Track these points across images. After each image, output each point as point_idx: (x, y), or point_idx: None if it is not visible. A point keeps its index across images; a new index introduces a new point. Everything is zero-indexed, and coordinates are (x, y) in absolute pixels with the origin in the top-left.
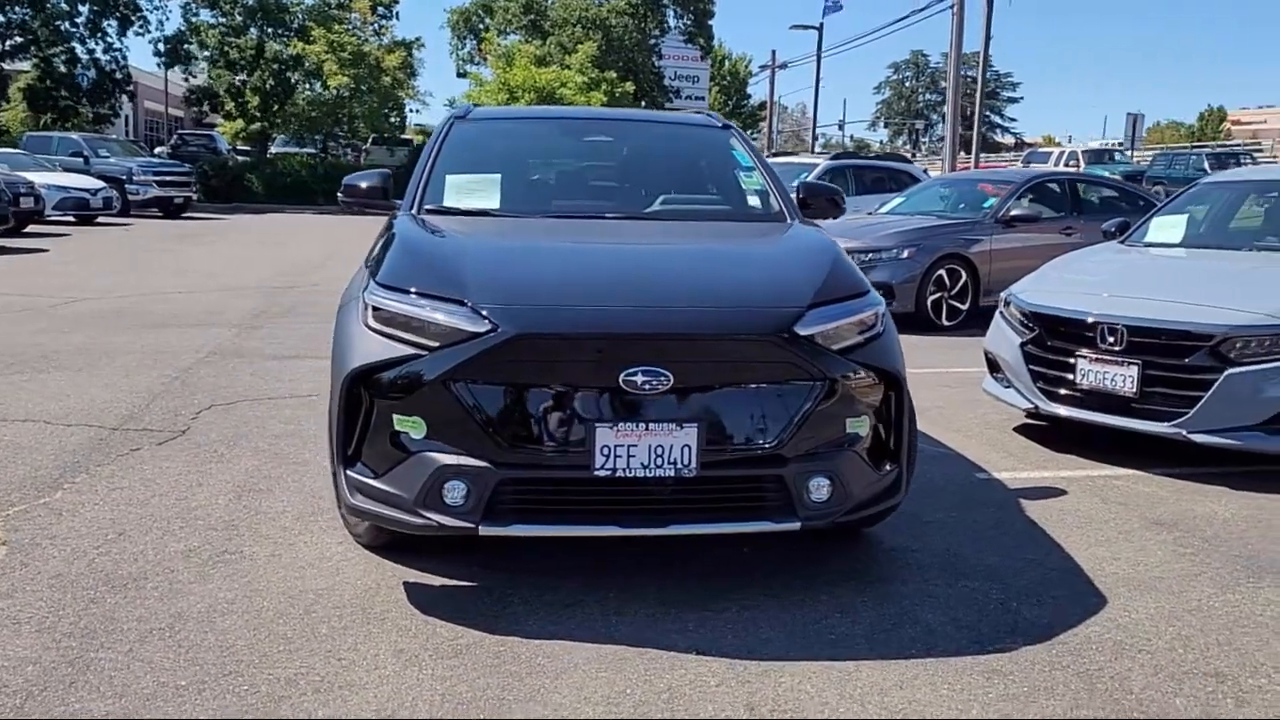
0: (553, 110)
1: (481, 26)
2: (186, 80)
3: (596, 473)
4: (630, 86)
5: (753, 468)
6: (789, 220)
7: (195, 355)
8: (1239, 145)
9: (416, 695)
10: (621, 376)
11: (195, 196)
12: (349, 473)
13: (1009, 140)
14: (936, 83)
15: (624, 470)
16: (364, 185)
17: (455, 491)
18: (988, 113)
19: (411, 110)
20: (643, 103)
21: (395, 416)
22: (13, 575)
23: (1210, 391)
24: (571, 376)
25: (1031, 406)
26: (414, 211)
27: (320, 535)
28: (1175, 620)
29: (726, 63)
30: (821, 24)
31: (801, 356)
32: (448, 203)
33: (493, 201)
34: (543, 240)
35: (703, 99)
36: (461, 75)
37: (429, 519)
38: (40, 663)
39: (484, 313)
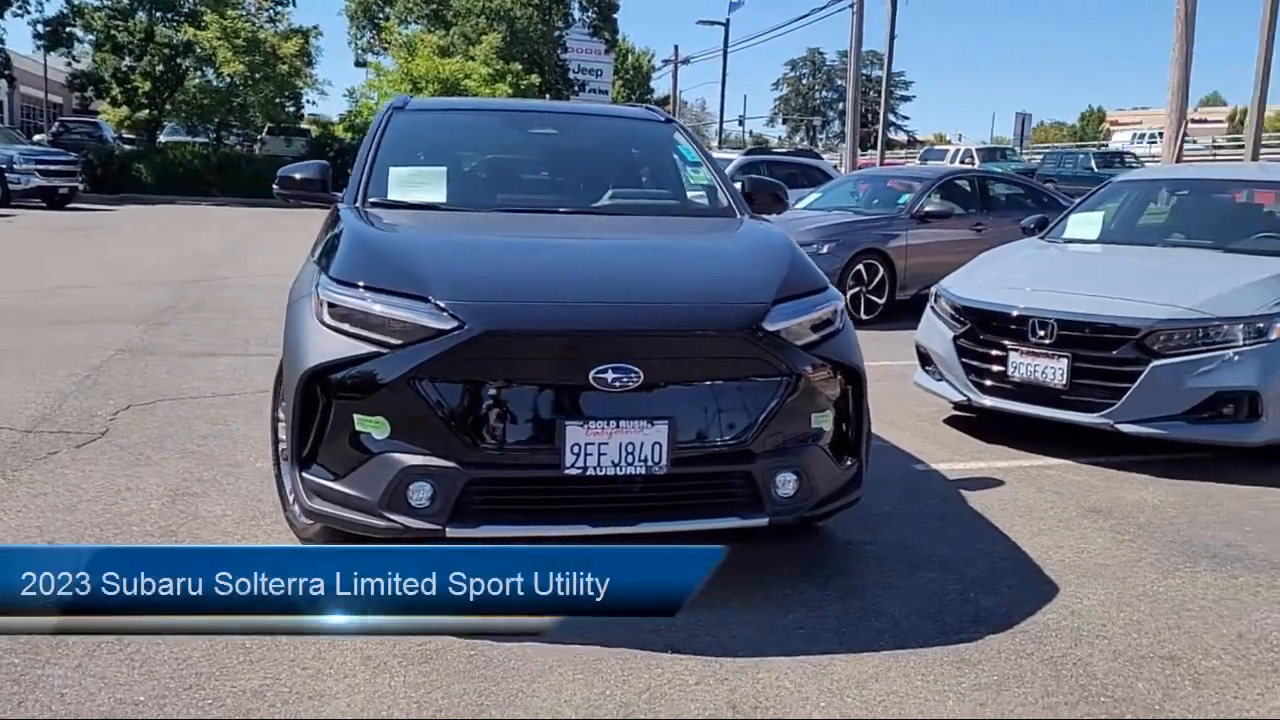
0: (493, 102)
1: (381, 15)
2: (69, 65)
3: (567, 471)
4: (536, 79)
5: (722, 464)
6: (739, 215)
7: (104, 353)
8: (1122, 145)
9: (391, 703)
10: (591, 374)
11: (81, 186)
12: (305, 475)
13: (902, 138)
14: (833, 80)
15: (595, 469)
16: (300, 176)
17: (420, 493)
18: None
19: (308, 101)
20: (547, 95)
21: (356, 417)
22: None
23: (1137, 383)
24: (540, 374)
25: (964, 399)
26: (358, 204)
27: (265, 540)
28: (1125, 606)
29: (629, 57)
30: (728, 20)
31: (769, 352)
32: (392, 196)
33: (438, 195)
34: (500, 235)
35: (606, 93)
36: (360, 64)
37: (394, 521)
38: None
39: (449, 309)
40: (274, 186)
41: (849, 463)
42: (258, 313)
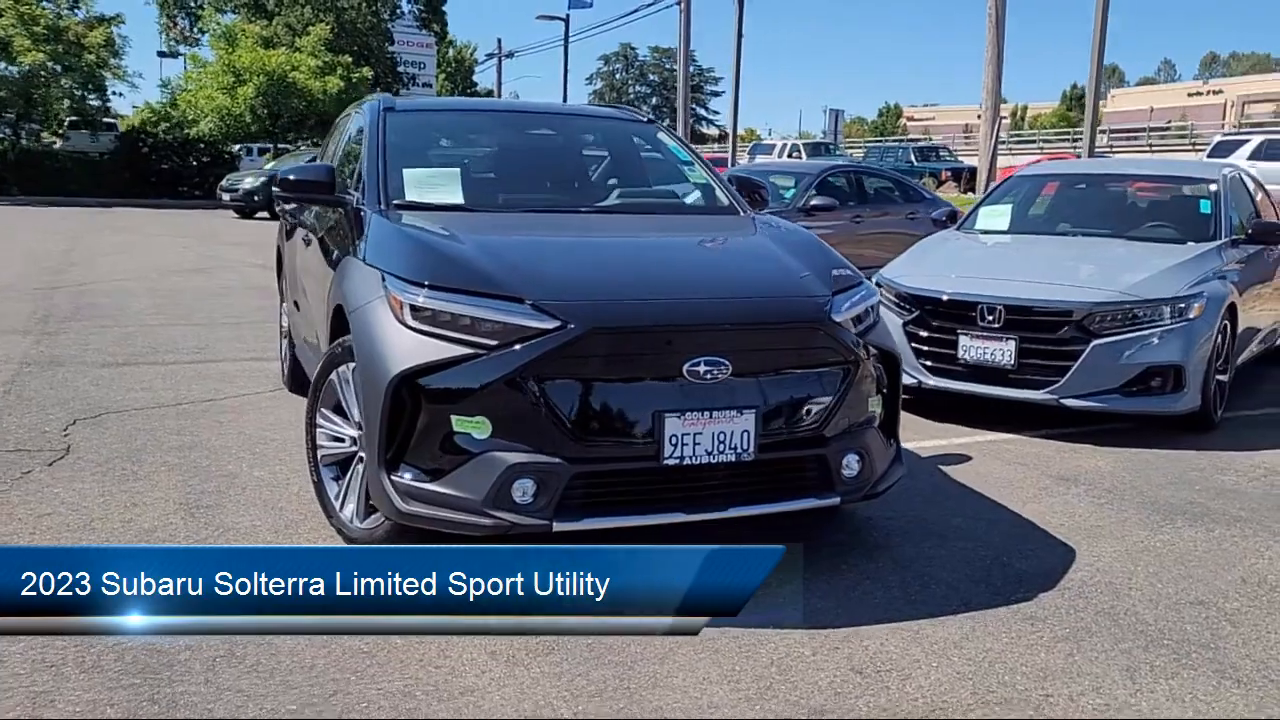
0: (479, 103)
1: (194, 3)
2: None
3: (665, 462)
4: (368, 72)
5: (800, 449)
6: (744, 213)
7: (7, 367)
8: (936, 140)
9: (541, 691)
10: (685, 367)
11: None
12: (394, 478)
13: (714, 132)
14: (645, 75)
15: (690, 458)
16: (303, 179)
17: (524, 490)
18: (694, 106)
19: (116, 94)
20: (378, 89)
21: (454, 418)
22: None
23: (1079, 361)
24: (639, 369)
25: (915, 382)
26: (382, 207)
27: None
28: (1136, 560)
29: (451, 50)
30: (568, 16)
31: (836, 341)
32: (410, 197)
33: (455, 196)
34: (553, 235)
35: (430, 86)
36: (172, 55)
37: (500, 519)
38: (116, 705)
39: (550, 309)
40: (274, 189)
41: (891, 443)
42: (147, 319)
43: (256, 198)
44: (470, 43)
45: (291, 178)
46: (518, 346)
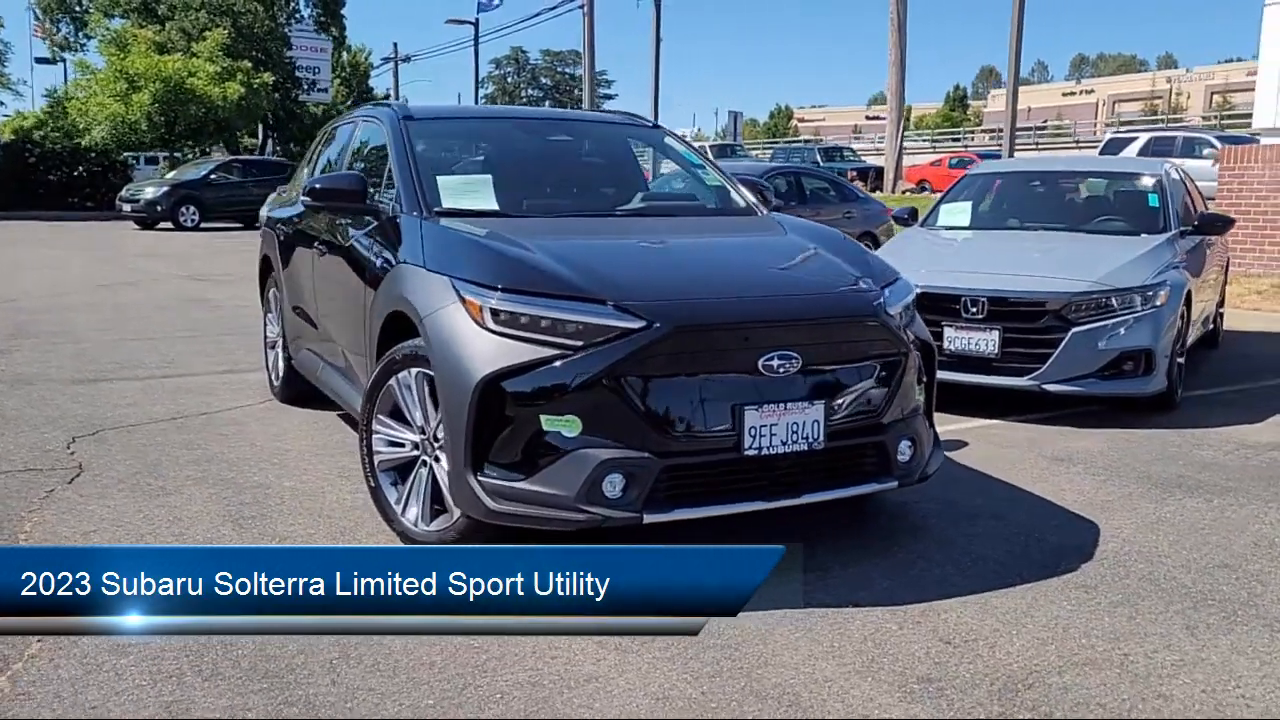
0: (494, 110)
1: (79, 8)
2: None
3: (746, 453)
4: (269, 77)
5: (863, 436)
6: (762, 212)
7: None
8: (829, 141)
9: (666, 673)
10: (760, 361)
11: None
12: (481, 479)
13: None
14: (537, 78)
15: (768, 448)
16: (334, 188)
17: (615, 484)
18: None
19: None
20: (277, 95)
21: (544, 417)
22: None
23: (1059, 349)
24: (719, 365)
25: None
26: (426, 214)
27: None
28: (1155, 531)
29: (345, 54)
30: (478, 19)
31: (890, 333)
32: (447, 204)
33: (490, 202)
34: (606, 238)
35: (326, 91)
36: (53, 61)
37: (592, 514)
38: (254, 709)
39: (635, 310)
40: (305, 198)
41: (931, 429)
42: (100, 335)
43: (159, 208)
44: (364, 46)
45: (318, 186)
46: (605, 346)
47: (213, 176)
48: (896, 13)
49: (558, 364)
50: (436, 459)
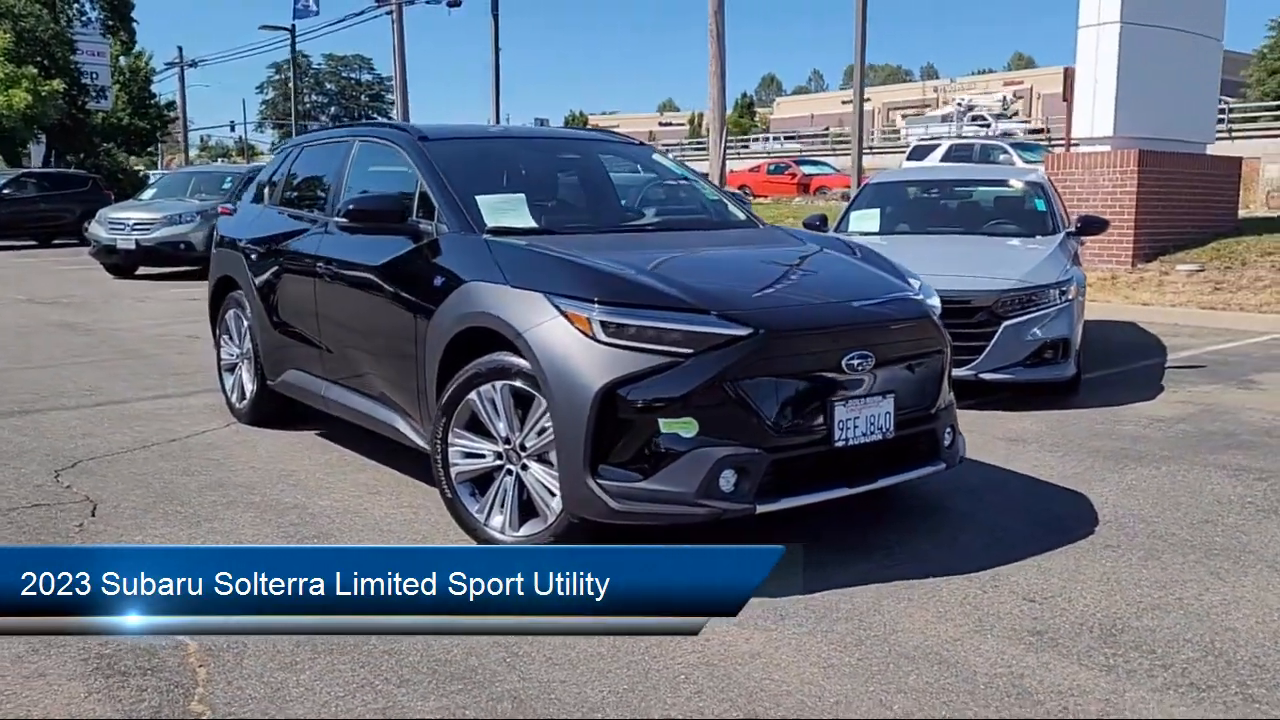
0: (501, 129)
1: None
2: None
3: (836, 444)
4: (60, 85)
5: (920, 425)
6: (763, 224)
7: None
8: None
9: (815, 646)
10: (844, 360)
11: None
12: (600, 481)
13: None
14: (321, 84)
15: (852, 439)
16: (376, 209)
17: (729, 479)
18: (375, 114)
19: None
20: (61, 101)
21: (662, 421)
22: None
23: (992, 341)
24: (812, 365)
25: None
26: (480, 234)
27: None
28: (1131, 497)
29: (124, 59)
30: (294, 25)
31: (935, 331)
32: (489, 223)
33: (528, 220)
34: (672, 252)
35: (108, 98)
36: None
37: (712, 508)
38: (469, 708)
39: (736, 317)
40: (345, 219)
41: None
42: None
43: None
44: (145, 50)
45: (357, 208)
46: (715, 352)
47: (5, 191)
48: (715, 25)
49: (672, 371)
50: (524, 467)
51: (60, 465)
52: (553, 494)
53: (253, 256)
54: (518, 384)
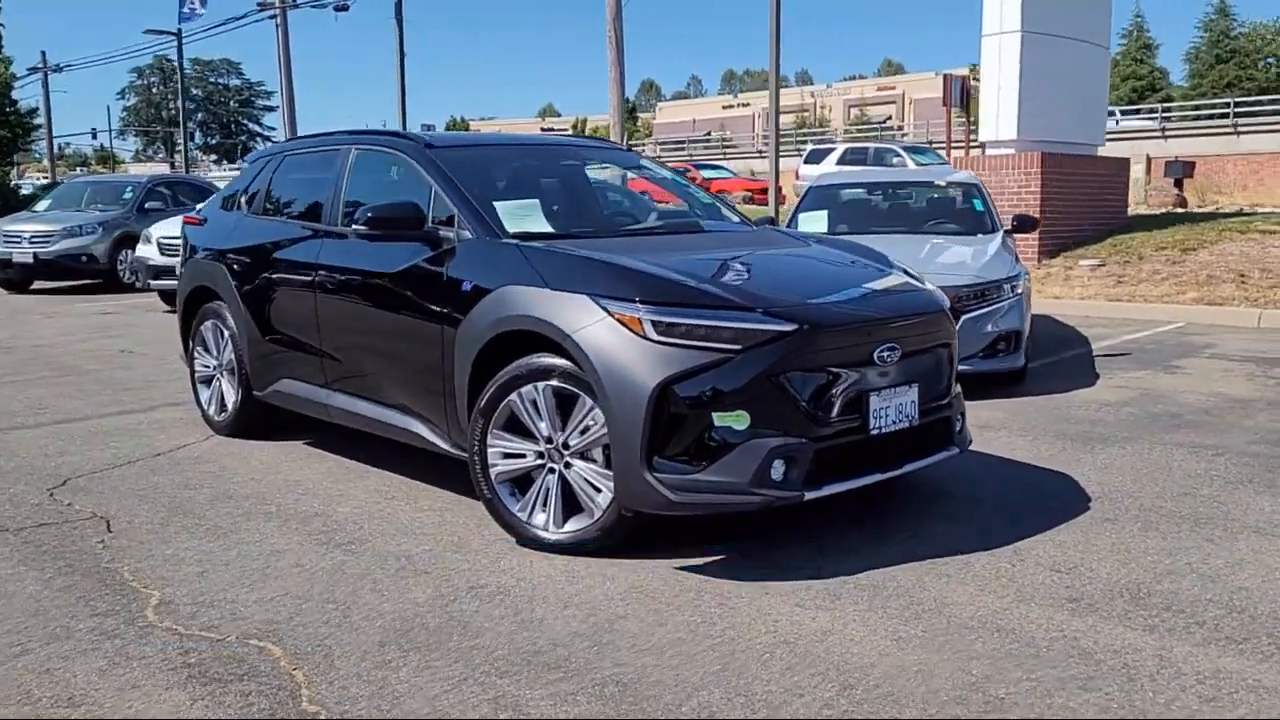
0: (499, 137)
1: None
2: None
3: (871, 433)
4: None
5: (937, 413)
6: (755, 226)
7: None
8: None
9: (880, 621)
10: (875, 353)
11: None
12: (657, 475)
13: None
14: (189, 89)
15: (885, 427)
16: (394, 215)
17: (779, 468)
18: (245, 120)
19: None
20: None
21: (715, 415)
22: None
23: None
24: (849, 358)
25: None
26: (500, 239)
27: (523, 555)
28: (1110, 474)
29: None
30: (180, 30)
31: (949, 323)
32: (510, 229)
33: (544, 225)
34: (698, 253)
35: None
36: None
37: (764, 495)
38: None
39: (781, 315)
40: (364, 227)
41: None
42: None
43: None
44: (10, 55)
45: (372, 215)
46: (764, 348)
47: None
48: (614, 32)
49: (724, 367)
50: (567, 465)
51: (50, 484)
52: (597, 490)
53: (236, 266)
54: (559, 384)
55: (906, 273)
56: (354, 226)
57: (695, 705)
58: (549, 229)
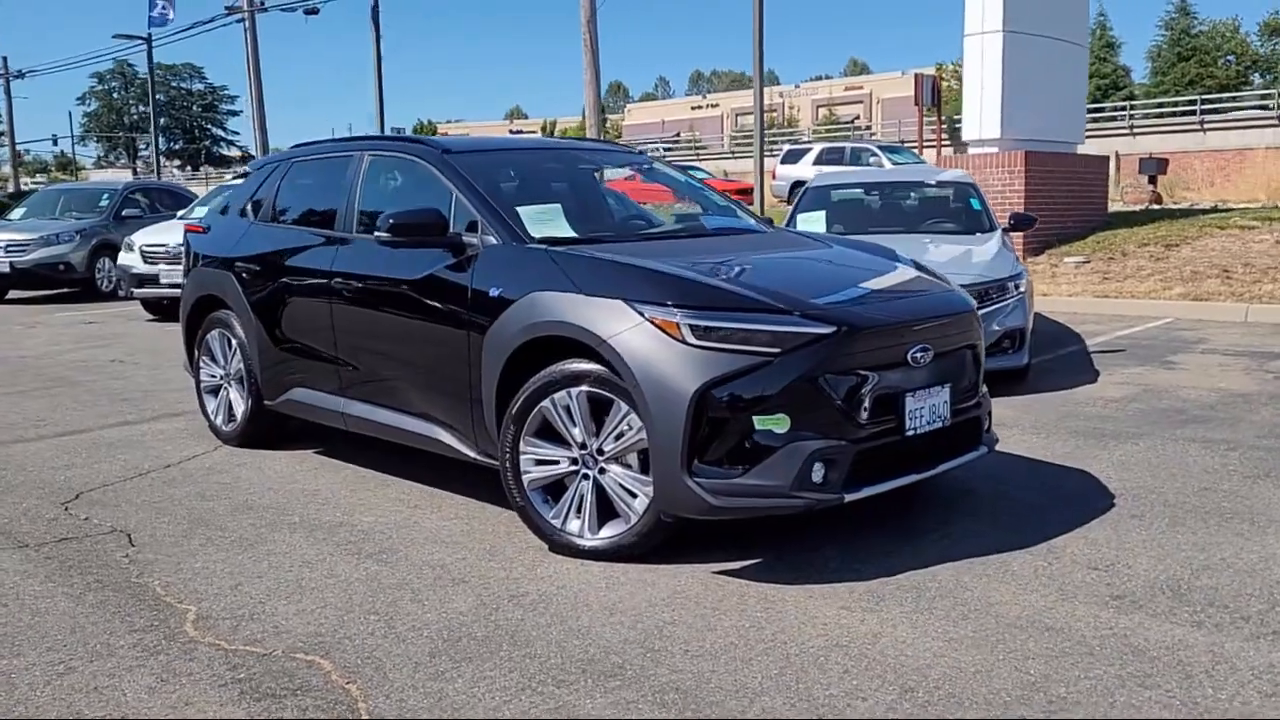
0: (514, 141)
1: None
2: None
3: (907, 433)
4: None
5: (968, 413)
6: (773, 228)
7: None
8: None
9: (925, 621)
10: (909, 354)
11: None
12: (698, 480)
13: (235, 153)
14: (148, 94)
15: (920, 428)
16: (415, 222)
17: (819, 471)
18: (210, 126)
19: None
20: None
21: (756, 418)
22: None
23: None
24: (884, 360)
25: None
26: (526, 244)
27: (559, 562)
28: (1128, 471)
29: None
30: (150, 34)
31: (977, 323)
32: (534, 233)
33: (566, 230)
34: (731, 255)
35: None
36: None
37: (806, 498)
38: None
39: (818, 317)
40: (387, 234)
41: None
42: None
43: None
44: None
45: (394, 221)
46: (802, 351)
47: None
48: (589, 35)
49: (763, 370)
50: (602, 470)
51: (63, 498)
52: (633, 495)
53: (244, 275)
54: (593, 389)
55: (932, 274)
56: (376, 233)
57: (759, 710)
58: (572, 233)
